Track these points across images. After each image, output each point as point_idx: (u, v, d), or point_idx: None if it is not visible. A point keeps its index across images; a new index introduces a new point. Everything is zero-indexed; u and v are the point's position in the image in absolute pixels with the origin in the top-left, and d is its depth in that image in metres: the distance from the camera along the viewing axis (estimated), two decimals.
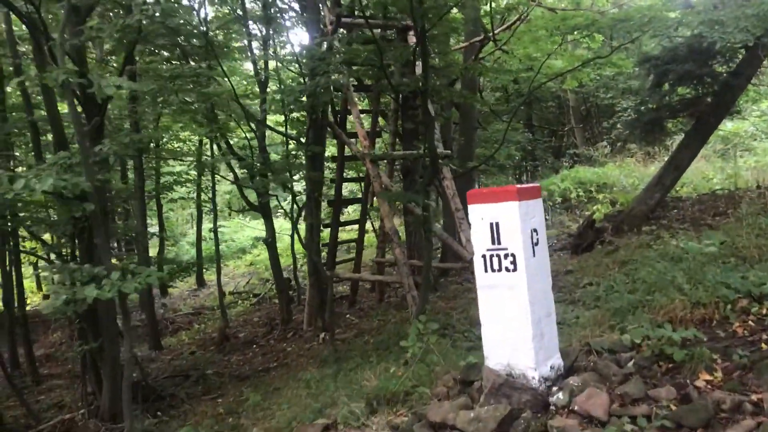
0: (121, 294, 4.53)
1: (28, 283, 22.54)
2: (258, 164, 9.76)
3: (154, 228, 25.08)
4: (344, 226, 12.85)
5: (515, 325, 3.83)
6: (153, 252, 24.70)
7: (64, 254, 8.78)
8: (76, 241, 8.15)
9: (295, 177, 11.07)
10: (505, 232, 3.79)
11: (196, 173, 20.21)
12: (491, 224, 3.82)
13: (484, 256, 3.87)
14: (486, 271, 3.88)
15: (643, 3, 14.18)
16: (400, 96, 10.69)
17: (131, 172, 19.06)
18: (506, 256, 3.81)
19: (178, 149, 20.16)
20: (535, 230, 3.91)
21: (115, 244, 19.70)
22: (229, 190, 35.62)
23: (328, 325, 8.88)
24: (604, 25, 10.74)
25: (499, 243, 3.81)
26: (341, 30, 10.15)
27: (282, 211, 34.96)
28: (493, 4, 11.05)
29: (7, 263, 12.78)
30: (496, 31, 11.27)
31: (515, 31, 11.13)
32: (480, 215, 3.86)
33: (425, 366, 5.48)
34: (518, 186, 3.83)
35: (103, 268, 4.86)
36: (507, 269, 3.81)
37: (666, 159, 13.30)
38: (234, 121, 11.17)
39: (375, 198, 10.31)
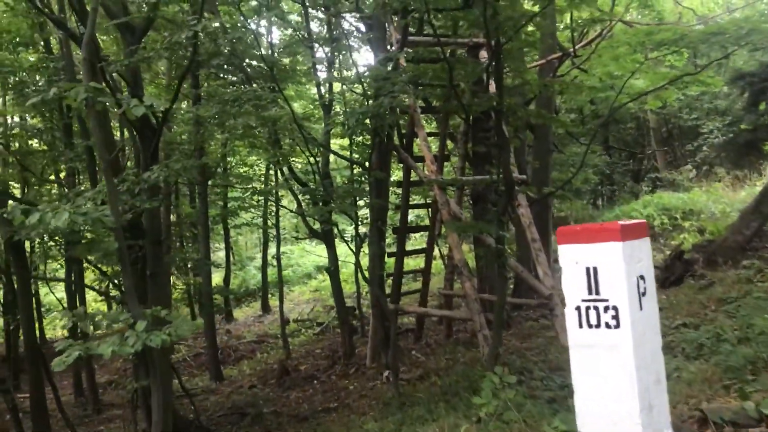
0: (146, 347, 4.01)
1: (99, 305, 22.86)
2: (320, 191, 9.29)
3: (221, 252, 25.17)
4: (410, 254, 12.20)
5: (617, 394, 3.07)
6: (220, 276, 24.78)
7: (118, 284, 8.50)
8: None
9: (360, 203, 10.55)
10: (605, 280, 3.05)
11: (261, 198, 20.08)
12: (588, 269, 3.08)
13: (578, 309, 3.14)
14: (581, 326, 3.15)
15: (737, 15, 13.06)
16: (471, 117, 10.03)
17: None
18: (606, 309, 3.06)
19: (245, 174, 20.09)
20: (642, 277, 3.15)
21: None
22: (294, 216, 35.74)
23: (391, 364, 8.21)
24: (695, 40, 9.78)
25: (597, 293, 3.08)
26: (407, 49, 9.60)
27: (348, 236, 34.91)
28: (575, 14, 10.25)
29: (72, 288, 12.77)
30: (576, 47, 10.47)
31: (597, 46, 10.30)
32: (573, 258, 3.14)
33: (502, 424, 4.75)
34: (621, 223, 3.09)
35: (129, 315, 4.35)
36: (607, 325, 3.07)
37: (762, 184, 12.09)
38: (297, 146, 10.77)
39: (439, 228, 9.65)
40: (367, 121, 9.32)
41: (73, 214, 3.76)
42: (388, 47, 9.71)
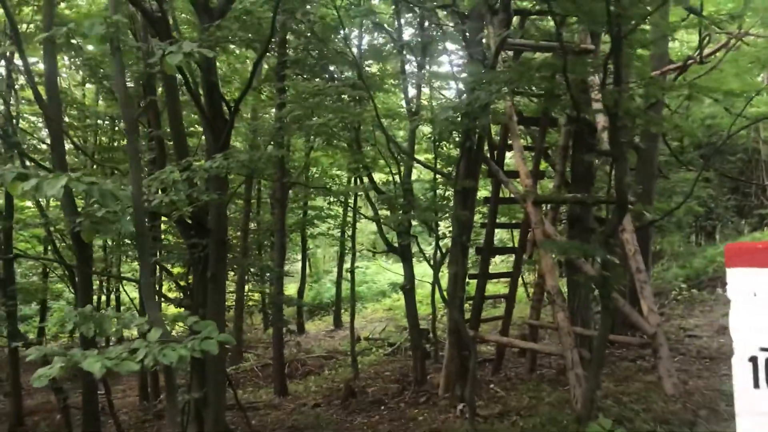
0: (163, 365, 3.20)
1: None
2: (399, 200, 8.56)
3: (298, 264, 24.87)
4: (493, 278, 11.26)
5: None
6: (295, 287, 24.44)
7: (183, 285, 8.02)
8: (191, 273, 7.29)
9: (442, 219, 9.75)
10: None
11: (340, 208, 19.63)
12: None
13: (753, 360, 2.22)
14: (756, 385, 2.22)
15: None
16: (574, 128, 9.09)
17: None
18: None
19: (327, 184, 19.69)
20: None
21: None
22: (374, 230, 35.17)
23: (468, 398, 7.30)
24: None
25: None
26: (507, 51, 8.78)
27: (425, 254, 34.00)
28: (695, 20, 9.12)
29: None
30: (703, 55, 9.28)
31: (722, 58, 9.13)
32: (750, 287, 2.22)
33: None
34: None
35: (146, 320, 3.61)
36: None
37: None
38: (379, 152, 10.08)
39: (533, 248, 8.69)
40: (455, 131, 8.56)
41: (73, 181, 3.11)
42: (485, 50, 8.92)
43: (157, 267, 8.89)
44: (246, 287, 21.23)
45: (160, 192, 5.41)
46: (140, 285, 3.90)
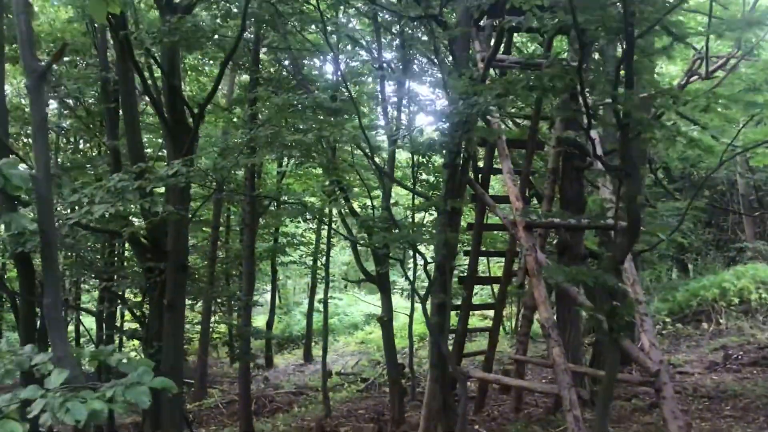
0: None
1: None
2: (377, 222, 7.94)
3: (268, 295, 23.95)
4: (477, 310, 10.63)
5: None
6: (263, 319, 23.46)
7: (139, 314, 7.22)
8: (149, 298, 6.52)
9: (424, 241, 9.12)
10: None
11: (313, 236, 18.96)
12: None
13: None
14: None
15: None
16: (561, 153, 8.61)
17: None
18: None
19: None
20: None
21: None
22: (347, 261, 34.27)
23: None
24: None
25: None
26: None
27: (409, 279, 33.20)
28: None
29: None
30: (711, 69, 8.84)
31: (725, 77, 8.70)
32: None
33: None
34: None
35: (49, 357, 2.70)
36: None
37: None
38: (356, 173, 9.47)
39: (525, 277, 8.09)
40: (441, 148, 8.01)
41: None
42: (472, 67, 8.43)
43: (110, 293, 8.06)
44: (212, 318, 20.33)
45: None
46: (45, 305, 2.90)
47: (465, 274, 9.69)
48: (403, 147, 13.45)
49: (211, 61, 11.77)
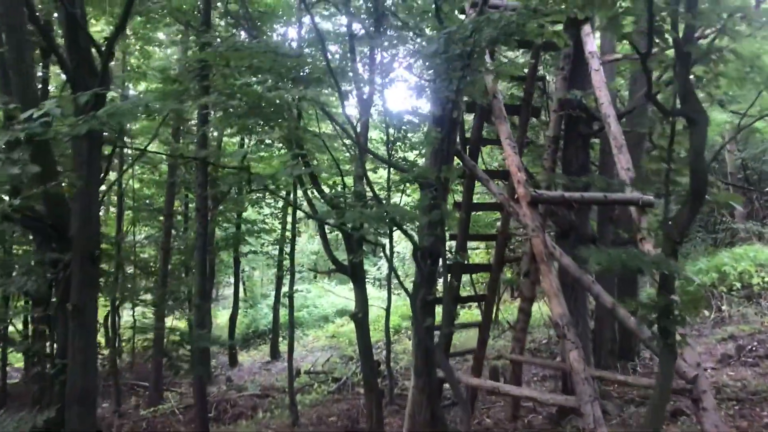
0: None
1: None
2: (349, 197, 6.53)
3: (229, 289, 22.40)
4: (464, 302, 9.32)
5: None
6: (226, 315, 21.92)
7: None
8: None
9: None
10: None
11: (277, 222, 17.53)
12: None
13: None
14: None
15: None
16: (564, 117, 7.31)
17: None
18: None
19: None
20: None
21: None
22: (316, 250, 32.71)
23: None
24: None
25: None
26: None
27: (372, 276, 31.72)
28: None
29: None
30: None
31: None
32: None
33: None
34: None
35: None
36: None
37: None
38: (324, 146, 8.03)
39: (531, 264, 6.79)
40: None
41: None
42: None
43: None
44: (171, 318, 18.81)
45: None
46: None
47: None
48: (378, 126, 12.10)
49: None
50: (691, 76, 4.25)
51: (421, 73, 7.27)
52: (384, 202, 7.22)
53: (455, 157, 7.16)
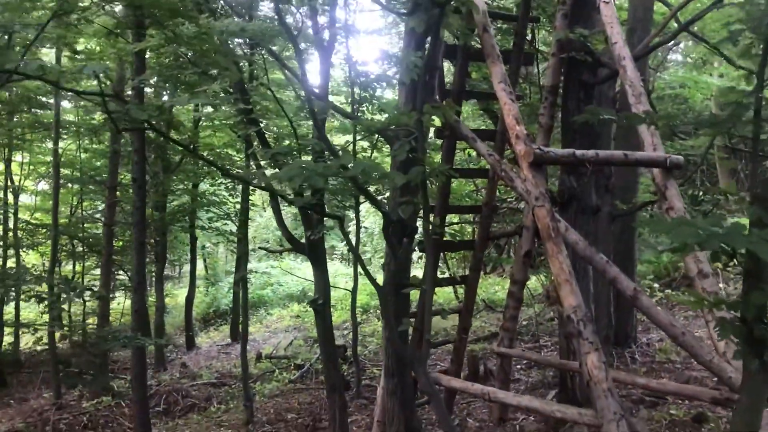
0: None
1: None
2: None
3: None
4: (443, 286, 8.10)
5: None
6: (182, 294, 20.47)
7: None
8: None
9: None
10: None
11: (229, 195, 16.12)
12: None
13: None
14: None
15: None
16: (566, 62, 6.04)
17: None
18: None
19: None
20: None
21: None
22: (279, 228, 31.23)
23: None
24: None
25: None
26: None
27: (340, 252, 30.36)
28: None
29: None
30: None
31: None
32: None
33: None
34: None
35: None
36: None
37: None
38: (275, 101, 6.65)
39: (534, 241, 5.55)
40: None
41: None
42: None
43: None
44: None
45: None
46: None
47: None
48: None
49: None
50: None
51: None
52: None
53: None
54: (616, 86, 6.79)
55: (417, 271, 8.79)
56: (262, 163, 7.56)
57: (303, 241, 7.20)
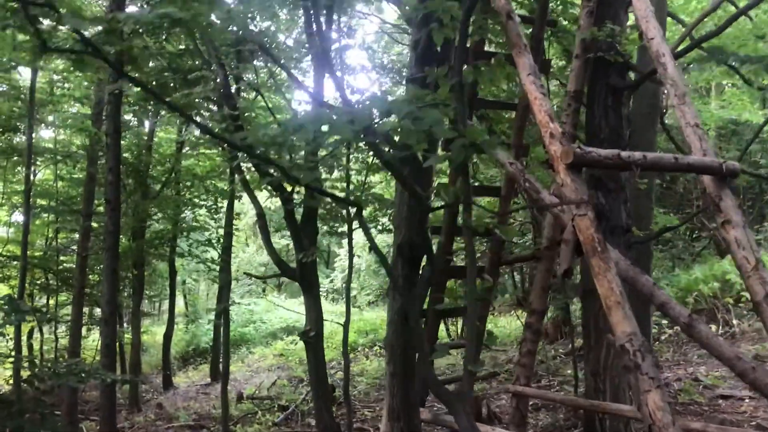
0: None
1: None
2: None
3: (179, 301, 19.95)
4: (449, 316, 7.36)
5: None
6: (161, 332, 19.43)
7: None
8: None
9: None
10: None
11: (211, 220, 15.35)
12: None
13: None
14: None
15: None
16: (588, 66, 5.43)
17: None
18: None
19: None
20: None
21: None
22: (265, 261, 30.24)
23: None
24: None
25: None
26: None
27: (324, 289, 29.44)
28: None
29: None
30: None
31: None
32: None
33: None
34: None
35: None
36: None
37: None
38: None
39: (572, 257, 4.86)
40: None
41: None
42: None
43: None
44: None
45: None
46: None
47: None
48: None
49: None
50: None
51: None
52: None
53: None
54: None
55: None
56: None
57: (293, 266, 6.45)
